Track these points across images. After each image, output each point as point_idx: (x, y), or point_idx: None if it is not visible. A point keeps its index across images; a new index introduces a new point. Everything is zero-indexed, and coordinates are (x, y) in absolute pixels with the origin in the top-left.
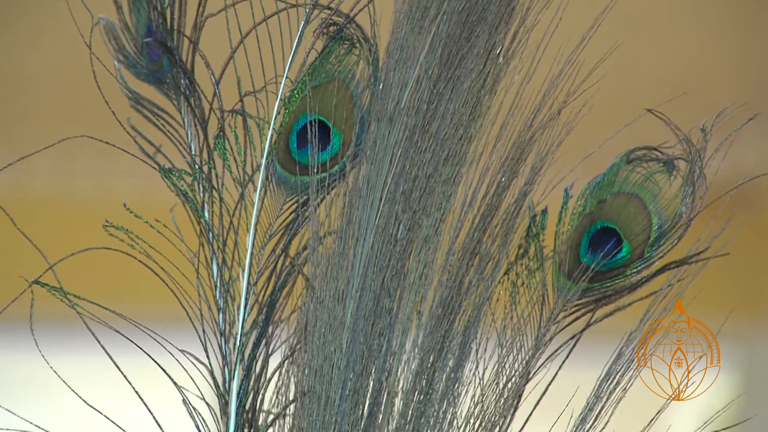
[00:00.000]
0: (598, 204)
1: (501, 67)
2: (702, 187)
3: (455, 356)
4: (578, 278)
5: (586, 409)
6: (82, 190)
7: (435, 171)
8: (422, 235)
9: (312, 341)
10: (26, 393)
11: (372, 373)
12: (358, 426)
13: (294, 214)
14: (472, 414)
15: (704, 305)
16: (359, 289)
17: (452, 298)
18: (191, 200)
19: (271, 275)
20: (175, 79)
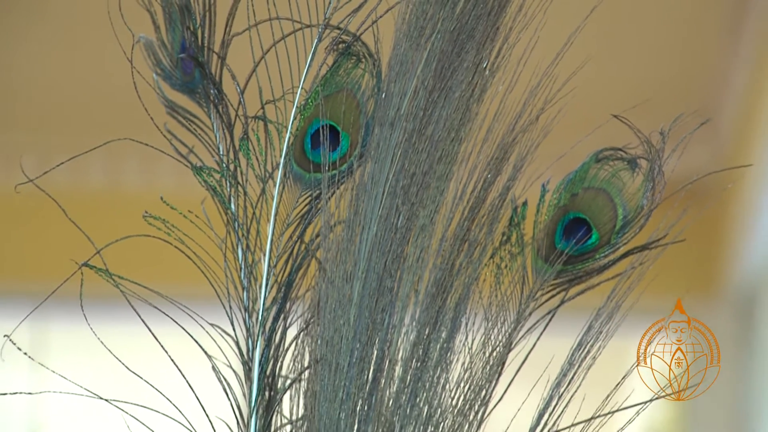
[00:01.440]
0: (571, 197)
1: (487, 78)
2: (660, 183)
3: (447, 329)
4: (554, 261)
5: (560, 375)
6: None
7: (430, 169)
8: (419, 224)
9: (324, 316)
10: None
11: (375, 344)
12: (363, 389)
13: (308, 206)
14: (462, 379)
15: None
16: (364, 271)
17: (445, 279)
18: (219, 194)
19: (288, 259)
20: (206, 89)
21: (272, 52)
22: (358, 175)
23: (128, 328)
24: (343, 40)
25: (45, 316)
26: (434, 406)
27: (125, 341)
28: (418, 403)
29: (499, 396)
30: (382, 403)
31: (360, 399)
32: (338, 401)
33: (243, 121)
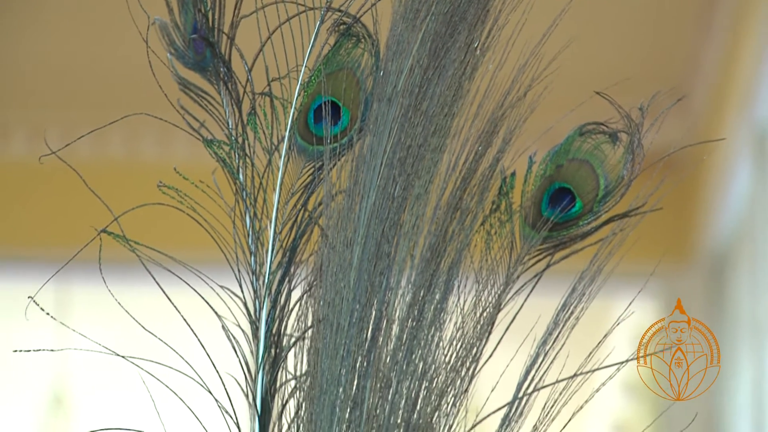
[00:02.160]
0: (556, 168)
1: (478, 58)
2: (639, 155)
3: (441, 291)
4: (540, 228)
5: (546, 334)
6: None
7: (425, 141)
8: (414, 194)
9: (326, 279)
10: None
11: (374, 305)
12: (362, 347)
13: (311, 176)
14: (455, 337)
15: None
16: (364, 237)
17: (438, 244)
18: (229, 165)
19: (293, 225)
20: (216, 67)
21: (278, 32)
22: (357, 148)
23: (144, 290)
24: (344, 21)
25: (67, 280)
26: (429, 362)
27: (141, 302)
28: (413, 360)
29: (489, 353)
30: (380, 359)
31: (359, 356)
32: (339, 358)
33: (250, 97)
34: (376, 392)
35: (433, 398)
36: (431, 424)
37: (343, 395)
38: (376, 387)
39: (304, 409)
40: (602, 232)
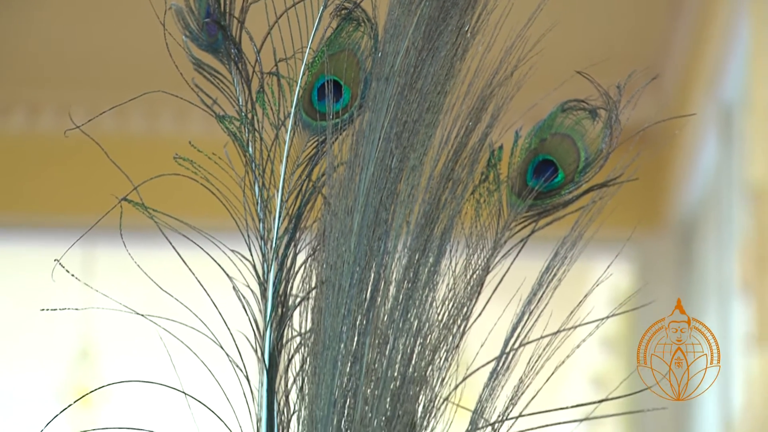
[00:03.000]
0: (540, 142)
1: (468, 40)
2: (617, 130)
3: (434, 254)
4: (525, 197)
5: (531, 294)
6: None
7: (419, 117)
8: (410, 165)
9: (328, 243)
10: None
11: (372, 267)
12: (362, 306)
13: (315, 149)
14: (447, 297)
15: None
16: (363, 205)
17: (432, 212)
18: (239, 139)
19: (298, 194)
20: (227, 49)
21: (284, 17)
22: (357, 123)
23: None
24: (345, 7)
25: (92, 245)
26: (423, 320)
27: (159, 266)
28: (409, 318)
29: (478, 312)
30: (378, 318)
31: (359, 315)
32: (340, 317)
33: (259, 77)
34: (374, 348)
35: (427, 353)
36: (425, 377)
37: (344, 351)
38: (375, 343)
39: (309, 364)
40: (582, 201)
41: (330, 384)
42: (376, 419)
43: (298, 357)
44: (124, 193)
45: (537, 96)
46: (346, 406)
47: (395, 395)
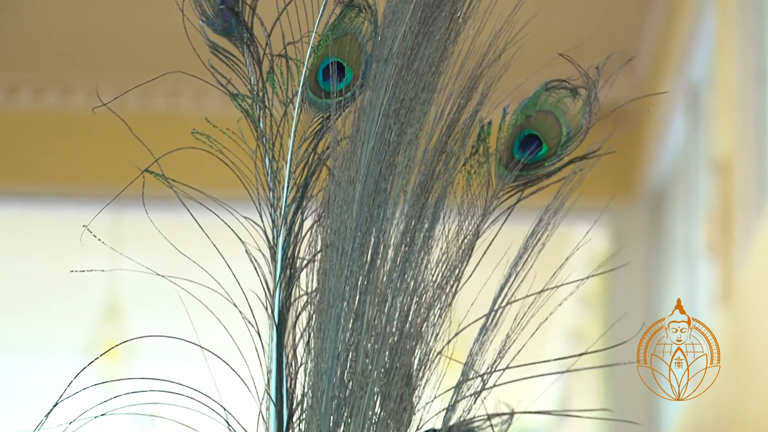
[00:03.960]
0: (525, 118)
1: (460, 25)
2: (596, 107)
3: (429, 221)
4: (512, 168)
5: (517, 257)
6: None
7: (416, 96)
8: (407, 139)
9: (332, 210)
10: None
11: (373, 232)
12: (363, 268)
13: (320, 125)
14: (440, 260)
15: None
16: (364, 176)
17: (427, 182)
18: (251, 115)
19: (305, 166)
20: (240, 33)
21: (292, 4)
22: (359, 101)
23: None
24: None
25: (119, 213)
26: (418, 281)
27: (178, 231)
28: (406, 279)
29: (469, 273)
30: (377, 278)
31: (360, 276)
32: (343, 277)
33: (269, 59)
34: (374, 306)
35: (422, 311)
36: (421, 333)
37: (347, 308)
38: (375, 302)
39: (314, 320)
40: (564, 172)
41: (334, 339)
42: (375, 371)
43: (305, 314)
44: (148, 165)
45: (523, 76)
46: (349, 359)
47: (393, 349)
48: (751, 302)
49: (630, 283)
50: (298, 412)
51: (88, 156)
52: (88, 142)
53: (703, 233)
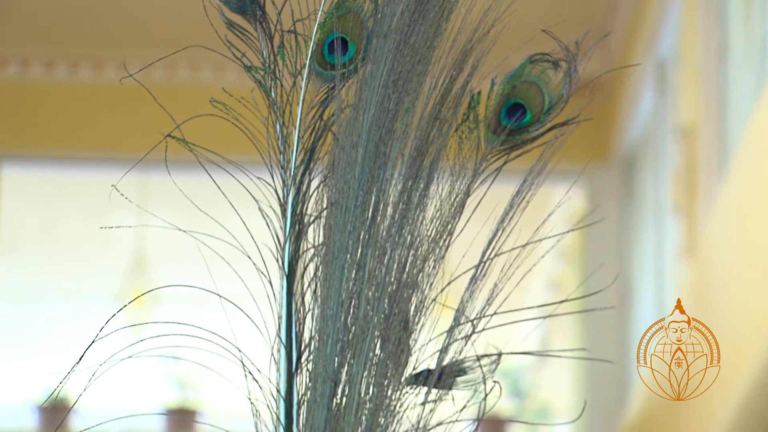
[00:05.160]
0: (512, 88)
1: (453, 3)
2: (575, 78)
3: (424, 181)
4: (499, 134)
5: (504, 214)
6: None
7: (412, 68)
8: (404, 108)
9: (337, 172)
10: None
11: (373, 192)
12: (365, 224)
13: (326, 94)
14: (435, 216)
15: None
16: (366, 140)
17: (422, 146)
18: (263, 85)
19: (312, 132)
20: (253, 11)
21: None
22: (361, 73)
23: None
24: None
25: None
26: (415, 235)
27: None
28: (403, 234)
29: (460, 229)
30: (378, 233)
31: (362, 230)
32: (347, 232)
33: (280, 34)
34: (375, 258)
35: (418, 262)
36: (417, 282)
37: (350, 260)
38: (375, 254)
39: (321, 271)
40: (546, 137)
41: (338, 288)
42: (376, 316)
43: (312, 265)
44: (171, 131)
45: (509, 50)
46: (352, 306)
47: (392, 297)
48: (713, 255)
49: (604, 238)
50: (306, 354)
51: (117, 124)
52: (118, 112)
53: (670, 193)
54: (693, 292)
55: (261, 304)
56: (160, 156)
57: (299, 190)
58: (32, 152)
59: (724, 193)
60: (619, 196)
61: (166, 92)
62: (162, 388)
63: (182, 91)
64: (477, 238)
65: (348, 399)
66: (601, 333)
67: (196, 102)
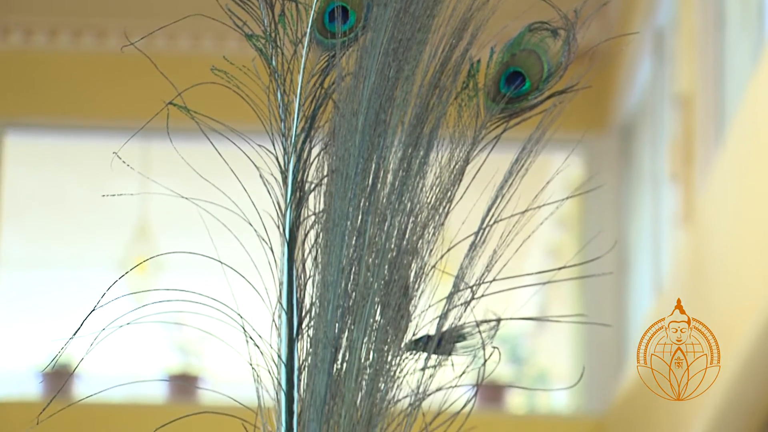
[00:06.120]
0: (511, 56)
1: None
2: (574, 47)
3: (424, 148)
4: (499, 101)
5: (503, 181)
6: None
7: (412, 36)
8: (404, 75)
9: (337, 139)
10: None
11: (374, 159)
12: (365, 191)
13: (327, 62)
14: (434, 184)
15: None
16: (366, 108)
17: (422, 114)
18: (264, 54)
19: (313, 99)
20: None
21: None
22: (361, 41)
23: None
24: None
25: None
26: (414, 202)
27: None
28: (403, 201)
29: (460, 196)
30: (378, 200)
31: (363, 198)
32: (347, 199)
33: (281, 2)
34: (375, 225)
35: (418, 229)
36: (416, 249)
37: (351, 227)
38: (375, 221)
39: (321, 238)
40: (545, 105)
41: (339, 254)
42: (376, 283)
43: (313, 232)
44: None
45: (508, 19)
46: (352, 272)
47: (392, 263)
48: (709, 222)
49: (602, 206)
50: (307, 320)
51: (120, 92)
52: (121, 81)
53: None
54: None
55: (262, 270)
56: (162, 124)
57: (300, 157)
58: (35, 120)
59: (720, 161)
60: (617, 164)
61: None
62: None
63: (184, 60)
64: (476, 205)
65: (348, 364)
66: (599, 299)
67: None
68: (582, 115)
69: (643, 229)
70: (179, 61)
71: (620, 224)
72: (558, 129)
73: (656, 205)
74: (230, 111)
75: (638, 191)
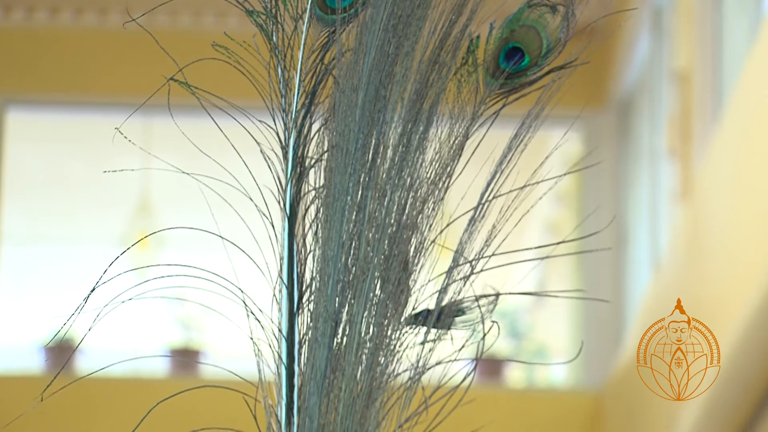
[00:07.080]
0: (510, 32)
1: None
2: (573, 22)
3: (424, 124)
4: (498, 77)
5: (502, 156)
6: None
7: (412, 12)
8: (404, 51)
9: (337, 115)
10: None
11: (374, 134)
12: (365, 166)
13: (327, 38)
14: (434, 159)
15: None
16: (366, 84)
17: (422, 89)
18: (265, 30)
19: (313, 75)
20: None
21: None
22: (362, 17)
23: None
24: None
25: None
26: (414, 177)
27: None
28: (403, 176)
29: (459, 171)
30: (378, 175)
31: (363, 173)
32: (347, 174)
33: None
34: (375, 200)
35: (418, 204)
36: (416, 224)
37: (351, 202)
38: (375, 196)
39: (322, 213)
40: (544, 81)
41: (339, 229)
42: (376, 257)
43: (313, 207)
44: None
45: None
46: (352, 247)
47: (392, 238)
48: (707, 198)
49: (600, 182)
50: (308, 294)
51: (121, 69)
52: (122, 57)
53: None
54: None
55: (263, 245)
56: (164, 100)
57: (300, 133)
58: (37, 97)
59: (718, 137)
60: (615, 140)
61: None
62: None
63: (185, 36)
64: (475, 181)
65: (348, 338)
66: (597, 275)
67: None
68: (580, 91)
69: (641, 205)
70: (180, 37)
71: (618, 200)
72: (557, 105)
73: (654, 180)
74: (231, 87)
75: (636, 167)
